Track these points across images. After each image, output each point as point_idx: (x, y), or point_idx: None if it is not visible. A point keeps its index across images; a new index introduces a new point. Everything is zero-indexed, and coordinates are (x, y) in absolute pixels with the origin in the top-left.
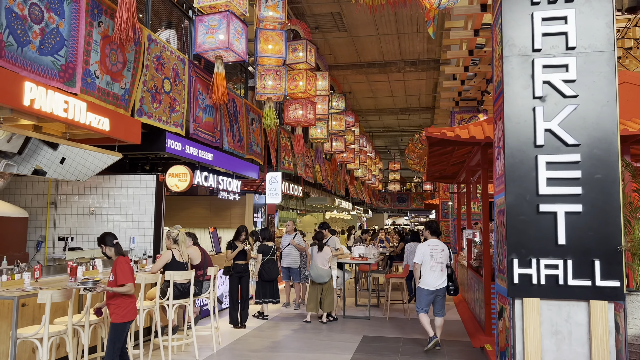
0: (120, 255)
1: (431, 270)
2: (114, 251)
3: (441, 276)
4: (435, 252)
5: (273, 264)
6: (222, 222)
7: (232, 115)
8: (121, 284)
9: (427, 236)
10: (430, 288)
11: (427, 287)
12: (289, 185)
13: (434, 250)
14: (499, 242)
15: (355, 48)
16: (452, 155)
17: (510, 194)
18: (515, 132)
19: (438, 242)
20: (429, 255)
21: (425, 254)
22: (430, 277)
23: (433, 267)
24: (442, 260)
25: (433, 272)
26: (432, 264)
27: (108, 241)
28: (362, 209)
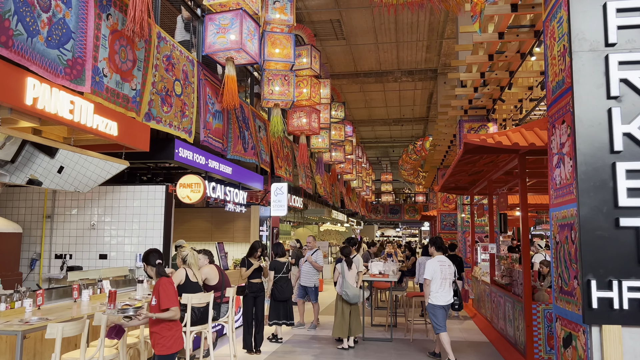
0: (162, 277)
1: (441, 286)
2: (156, 272)
3: (450, 292)
4: (444, 268)
5: (286, 282)
6: (225, 235)
7: (242, 122)
8: (165, 309)
9: (432, 252)
10: (442, 303)
11: (439, 302)
12: (290, 197)
13: (443, 266)
14: (562, 260)
15: (352, 57)
16: (475, 165)
17: (584, 206)
18: (589, 137)
19: (445, 258)
20: (439, 271)
21: (435, 270)
22: (441, 293)
23: (443, 283)
24: (450, 276)
25: (443, 288)
26: (442, 280)
27: (152, 260)
28: (355, 220)
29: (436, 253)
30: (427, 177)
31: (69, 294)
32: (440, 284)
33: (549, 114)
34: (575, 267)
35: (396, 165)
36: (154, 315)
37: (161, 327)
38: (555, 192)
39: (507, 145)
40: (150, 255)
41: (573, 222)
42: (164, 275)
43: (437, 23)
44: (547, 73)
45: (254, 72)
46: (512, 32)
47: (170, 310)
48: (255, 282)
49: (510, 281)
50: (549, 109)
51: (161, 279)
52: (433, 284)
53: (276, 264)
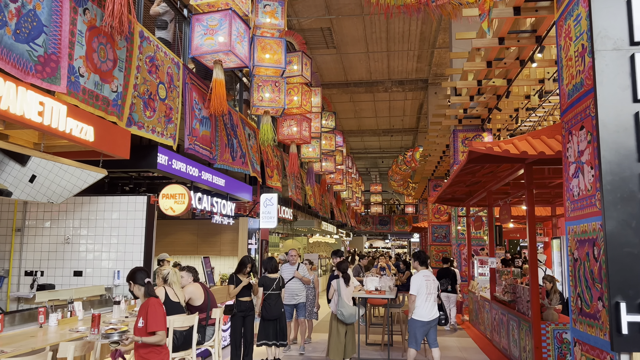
0: (151, 297)
1: (426, 301)
2: (144, 291)
3: (434, 306)
4: (429, 282)
5: (276, 300)
6: (212, 249)
7: (230, 129)
8: (152, 332)
9: (416, 267)
10: (425, 319)
11: (422, 318)
12: (280, 208)
13: (428, 280)
14: (582, 279)
15: (342, 66)
16: (475, 176)
17: (610, 220)
18: (614, 143)
19: (429, 272)
20: (424, 286)
21: (421, 285)
22: (425, 308)
23: (428, 298)
24: (435, 291)
25: (428, 303)
26: (427, 295)
27: (139, 278)
28: (344, 232)
29: (420, 267)
30: (417, 188)
31: (35, 318)
32: (425, 299)
33: (564, 120)
34: (599, 287)
35: (385, 176)
36: (141, 339)
37: (149, 351)
38: (573, 204)
39: (515, 154)
40: (137, 274)
41: (596, 237)
42: (153, 295)
43: (429, 32)
44: (561, 76)
45: (243, 77)
46: (512, 37)
47: (157, 335)
48: (244, 300)
49: (513, 298)
50: (563, 114)
51: (150, 299)
52: (418, 299)
53: (265, 280)
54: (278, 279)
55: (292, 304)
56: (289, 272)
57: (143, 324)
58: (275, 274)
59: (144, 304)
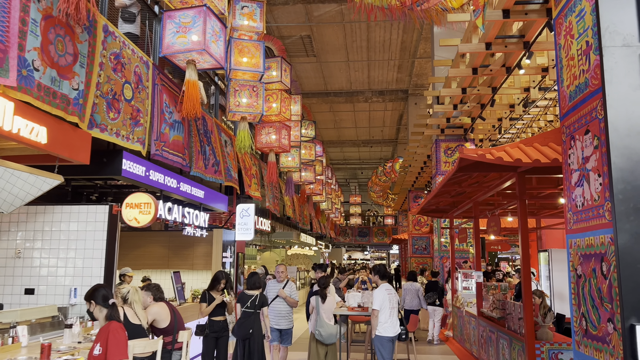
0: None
1: (390, 316)
2: (107, 314)
3: (397, 321)
4: (391, 297)
5: (246, 318)
6: (184, 263)
7: (204, 135)
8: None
9: (376, 281)
10: (391, 335)
11: (388, 334)
12: (257, 219)
13: (390, 294)
14: (587, 297)
15: (322, 75)
16: (461, 185)
17: (623, 233)
18: (626, 148)
19: (390, 286)
20: (387, 300)
21: (384, 299)
22: (390, 323)
23: (392, 313)
24: (396, 305)
25: (392, 318)
26: (390, 310)
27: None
28: (323, 243)
29: (381, 282)
30: (397, 200)
31: None
32: (390, 314)
33: (564, 125)
34: (609, 307)
35: (365, 188)
36: None
37: None
38: (575, 215)
39: (509, 161)
40: (97, 292)
41: (605, 251)
42: (117, 319)
43: (410, 42)
44: (560, 77)
45: (219, 81)
46: (499, 42)
47: None
48: (217, 320)
49: (503, 315)
50: (564, 118)
51: (111, 323)
52: (382, 315)
53: (242, 296)
54: (255, 297)
55: (277, 329)
56: (275, 290)
57: (100, 351)
58: (255, 290)
59: (104, 329)
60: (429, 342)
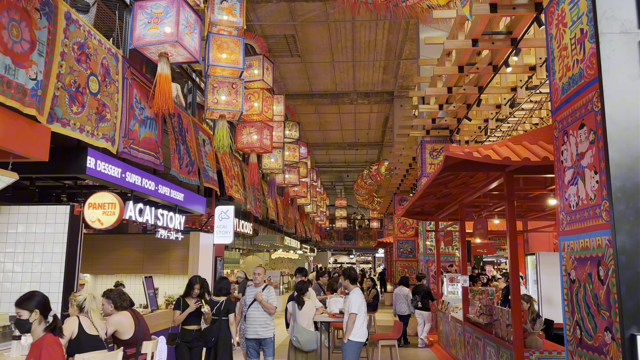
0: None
1: (364, 321)
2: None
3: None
4: (363, 301)
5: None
6: (159, 267)
7: (179, 134)
8: None
9: (347, 285)
10: (363, 340)
11: (361, 339)
12: (238, 222)
13: (363, 299)
14: (582, 304)
15: (307, 76)
16: (447, 186)
17: (622, 235)
18: (624, 143)
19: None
20: (364, 305)
21: (362, 303)
22: (363, 328)
23: (365, 318)
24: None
25: (365, 323)
26: (364, 314)
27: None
28: (308, 247)
29: (351, 286)
30: (382, 203)
31: None
32: (363, 319)
33: (557, 119)
34: (606, 315)
35: (350, 191)
36: None
37: None
38: (569, 216)
39: (497, 160)
40: (33, 301)
41: (602, 255)
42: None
43: (395, 42)
44: (552, 70)
45: (197, 78)
46: (486, 39)
47: None
48: (190, 329)
49: (490, 321)
50: (555, 112)
51: (46, 336)
52: (358, 320)
53: (210, 303)
54: (221, 303)
55: (255, 339)
56: (251, 295)
57: None
58: (221, 297)
59: (37, 343)
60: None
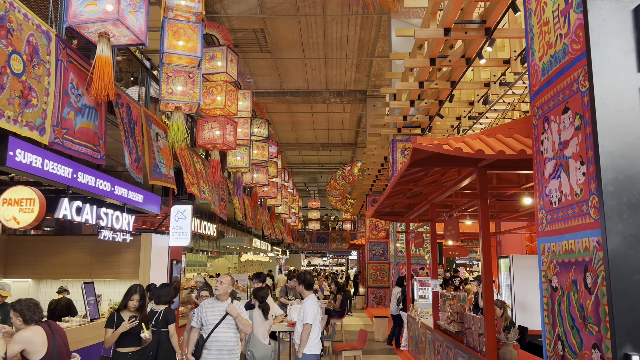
0: None
1: (319, 331)
2: None
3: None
4: (319, 310)
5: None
6: (109, 271)
7: (128, 126)
8: None
9: (301, 291)
10: (318, 352)
11: (317, 351)
12: (200, 223)
13: (318, 307)
14: (566, 316)
15: (278, 73)
16: (418, 184)
17: (614, 235)
18: (617, 128)
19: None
20: (319, 314)
21: (317, 312)
22: (318, 339)
23: (320, 328)
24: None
25: (320, 334)
26: (319, 325)
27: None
28: (280, 249)
29: (306, 292)
30: (355, 204)
31: None
32: (319, 329)
33: (536, 105)
34: (594, 329)
35: (324, 192)
36: None
37: None
38: (550, 214)
39: (469, 153)
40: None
41: (589, 259)
42: None
43: (368, 39)
44: (530, 49)
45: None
46: (459, 28)
47: None
48: (125, 351)
49: (461, 329)
50: (535, 97)
51: None
52: (313, 330)
53: (150, 313)
54: (159, 313)
55: None
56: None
57: None
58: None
59: None
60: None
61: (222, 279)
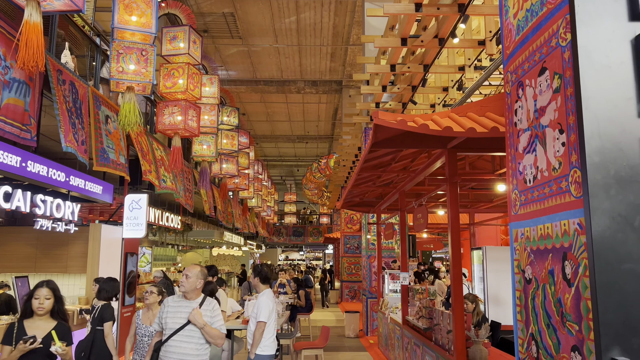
0: None
1: (274, 330)
2: None
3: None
4: (274, 306)
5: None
6: (55, 265)
7: (72, 104)
8: None
9: (256, 285)
10: (272, 353)
11: (271, 352)
12: (162, 214)
13: (274, 304)
14: (541, 311)
15: (251, 61)
16: (386, 170)
17: (600, 216)
18: (603, 91)
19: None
20: (274, 311)
21: (272, 309)
22: (272, 338)
23: (275, 326)
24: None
25: (275, 333)
26: (274, 322)
27: None
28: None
29: (262, 286)
30: (331, 197)
31: None
32: (274, 327)
33: (510, 70)
34: (574, 328)
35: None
36: None
37: None
38: (524, 194)
39: (436, 130)
40: None
41: (568, 245)
42: None
43: (342, 26)
44: (505, 7)
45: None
46: (431, 4)
47: None
48: None
49: (430, 325)
50: (508, 61)
51: None
52: (267, 329)
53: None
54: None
55: None
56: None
57: None
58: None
59: None
60: None
61: (188, 271)
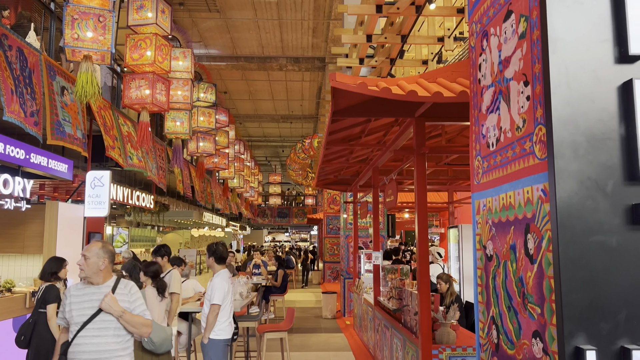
0: None
1: (230, 312)
2: None
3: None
4: (232, 287)
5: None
6: (12, 245)
7: (18, 72)
8: None
9: (211, 265)
10: (228, 337)
11: (227, 336)
12: (132, 193)
13: (231, 285)
14: (502, 293)
15: (230, 37)
16: (358, 143)
17: (566, 180)
18: (573, 26)
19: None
20: (230, 293)
21: (228, 291)
22: (229, 322)
23: (231, 309)
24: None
25: (231, 315)
26: (230, 304)
27: None
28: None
29: (218, 267)
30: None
31: None
32: (230, 310)
33: (474, 20)
34: (536, 312)
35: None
36: None
37: None
38: (486, 160)
39: (400, 95)
40: None
41: (531, 215)
42: None
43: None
44: None
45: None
46: None
47: None
48: None
49: (399, 306)
50: (473, 10)
51: None
52: (222, 312)
53: None
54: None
55: None
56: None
57: None
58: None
59: None
60: None
61: (86, 251)
